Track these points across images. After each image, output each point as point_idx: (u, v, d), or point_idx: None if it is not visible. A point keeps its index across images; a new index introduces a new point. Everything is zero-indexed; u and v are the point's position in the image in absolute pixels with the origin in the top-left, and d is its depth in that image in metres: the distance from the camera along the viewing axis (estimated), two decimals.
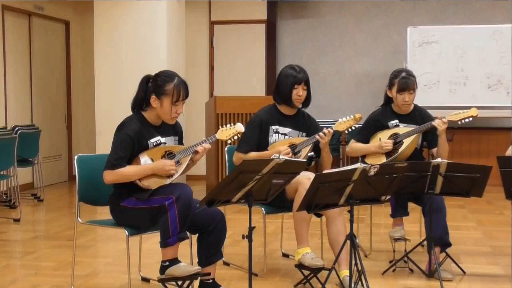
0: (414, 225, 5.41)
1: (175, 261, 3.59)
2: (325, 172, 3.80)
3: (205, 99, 9.35)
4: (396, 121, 4.71)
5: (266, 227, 4.54)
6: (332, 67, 9.96)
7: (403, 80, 4.61)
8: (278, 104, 4.45)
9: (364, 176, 3.46)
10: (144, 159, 3.66)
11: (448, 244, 4.39)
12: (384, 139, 4.63)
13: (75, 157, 4.00)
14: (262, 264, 4.56)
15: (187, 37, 9.01)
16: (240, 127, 3.90)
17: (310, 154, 4.22)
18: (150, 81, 3.75)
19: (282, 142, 4.34)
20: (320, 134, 4.23)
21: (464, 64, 8.96)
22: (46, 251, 5.38)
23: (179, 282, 3.58)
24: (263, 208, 4.27)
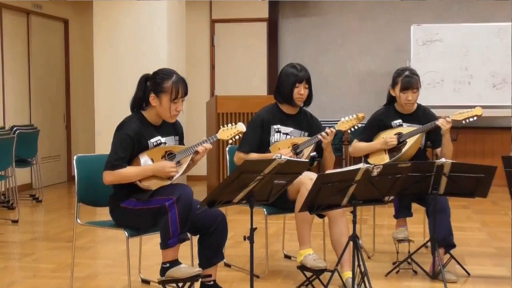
0: (418, 226, 5.40)
1: (175, 262, 3.59)
2: (327, 172, 3.80)
3: (206, 99, 9.35)
4: (400, 120, 4.71)
5: (268, 228, 4.54)
6: (334, 66, 9.96)
7: (407, 79, 4.60)
8: (279, 103, 4.45)
9: (367, 176, 3.46)
10: (144, 159, 3.66)
11: (453, 245, 4.39)
12: (389, 135, 4.62)
13: (74, 157, 4.00)
14: (263, 266, 4.56)
15: (187, 35, 9.01)
16: (241, 126, 3.90)
17: (312, 154, 4.22)
18: (149, 80, 3.75)
19: (284, 142, 4.34)
20: (323, 133, 4.23)
21: (468, 63, 8.96)
22: (45, 252, 5.38)
23: (180, 284, 3.58)
24: (264, 209, 4.27)
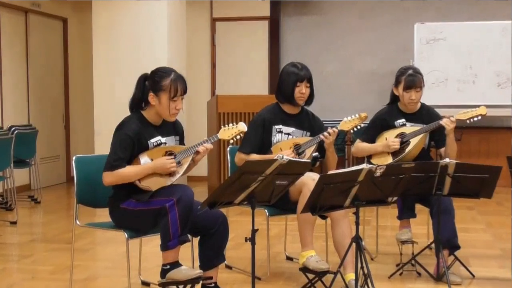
0: (422, 227, 5.40)
1: (176, 264, 3.59)
2: (330, 173, 3.80)
3: (206, 98, 9.35)
4: (403, 120, 4.71)
5: (270, 230, 4.54)
6: (337, 64, 9.96)
7: (410, 78, 4.60)
8: (281, 103, 4.45)
9: (370, 177, 3.46)
10: (144, 159, 3.66)
11: (457, 246, 4.38)
12: (391, 139, 4.63)
13: (73, 158, 4.00)
14: (265, 268, 4.56)
15: (188, 34, 9.01)
16: (242, 126, 3.90)
17: (314, 155, 4.22)
18: (147, 79, 3.75)
19: (285, 142, 4.34)
20: (325, 133, 4.22)
21: (472, 62, 8.95)
22: (44, 254, 5.38)
23: (180, 286, 3.58)
24: (266, 210, 4.27)
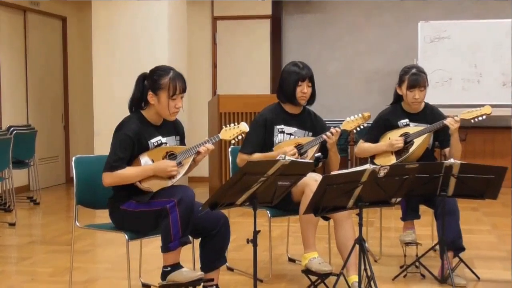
0: (426, 228, 5.40)
1: (177, 266, 3.59)
2: (332, 173, 3.80)
3: (207, 98, 9.35)
4: (407, 120, 4.70)
5: (272, 231, 4.54)
6: (339, 64, 9.96)
7: (414, 77, 4.60)
8: (282, 102, 4.45)
9: (373, 177, 3.46)
10: (144, 160, 3.67)
11: (462, 248, 4.38)
12: (395, 138, 4.62)
13: (73, 158, 4.00)
14: (267, 270, 4.56)
15: (188, 33, 9.01)
16: (244, 126, 3.91)
17: (317, 155, 4.22)
18: (146, 78, 3.76)
19: (287, 142, 4.34)
20: (327, 133, 4.22)
21: (477, 61, 8.94)
22: (43, 256, 5.39)
23: None
24: (268, 211, 4.27)
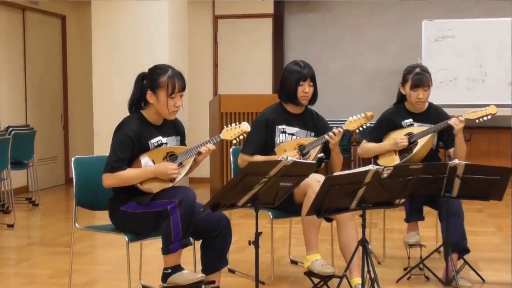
0: (430, 230, 5.40)
1: (177, 268, 3.59)
2: (335, 174, 3.80)
3: (208, 98, 9.36)
4: (410, 120, 4.70)
5: (274, 233, 4.54)
6: (342, 63, 9.96)
7: (417, 76, 4.60)
8: (284, 102, 4.45)
9: (377, 178, 3.46)
10: (145, 160, 3.67)
11: (466, 250, 4.38)
12: (399, 137, 4.62)
13: (72, 159, 4.00)
14: (269, 272, 4.56)
15: (189, 32, 9.01)
16: (245, 126, 3.91)
17: (319, 155, 4.22)
18: (145, 77, 3.76)
19: (289, 143, 4.34)
20: (330, 134, 4.22)
21: (482, 60, 8.94)
22: (42, 258, 5.40)
23: None
24: (270, 213, 4.27)
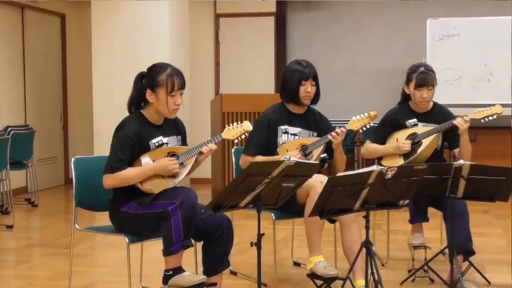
0: (435, 231, 5.39)
1: (178, 270, 3.59)
2: (338, 174, 3.79)
3: (210, 97, 9.36)
4: (415, 120, 4.70)
5: (276, 234, 4.54)
6: (345, 62, 9.95)
7: (422, 75, 4.59)
8: (286, 102, 4.45)
9: (380, 179, 3.46)
10: (145, 160, 3.67)
11: (472, 252, 4.37)
12: (402, 140, 4.62)
13: (72, 159, 4.01)
14: (271, 274, 4.56)
15: (190, 31, 9.02)
16: (247, 125, 3.91)
17: (322, 156, 4.22)
18: (144, 77, 3.76)
19: (292, 143, 4.34)
20: (333, 133, 4.22)
21: (488, 59, 8.93)
22: (41, 259, 5.40)
23: None
24: (272, 214, 4.27)
